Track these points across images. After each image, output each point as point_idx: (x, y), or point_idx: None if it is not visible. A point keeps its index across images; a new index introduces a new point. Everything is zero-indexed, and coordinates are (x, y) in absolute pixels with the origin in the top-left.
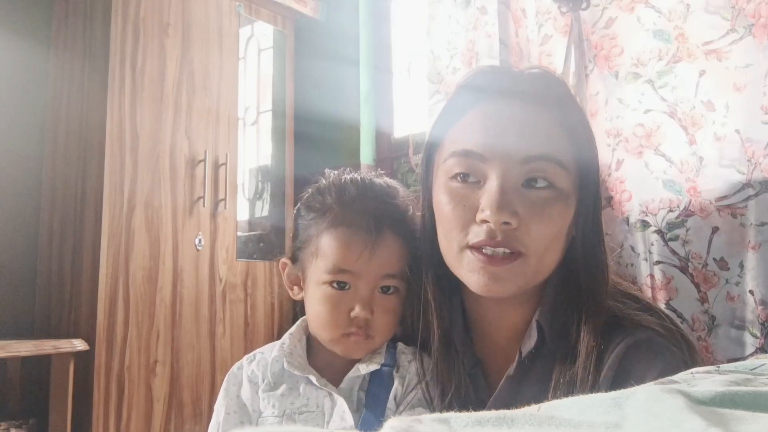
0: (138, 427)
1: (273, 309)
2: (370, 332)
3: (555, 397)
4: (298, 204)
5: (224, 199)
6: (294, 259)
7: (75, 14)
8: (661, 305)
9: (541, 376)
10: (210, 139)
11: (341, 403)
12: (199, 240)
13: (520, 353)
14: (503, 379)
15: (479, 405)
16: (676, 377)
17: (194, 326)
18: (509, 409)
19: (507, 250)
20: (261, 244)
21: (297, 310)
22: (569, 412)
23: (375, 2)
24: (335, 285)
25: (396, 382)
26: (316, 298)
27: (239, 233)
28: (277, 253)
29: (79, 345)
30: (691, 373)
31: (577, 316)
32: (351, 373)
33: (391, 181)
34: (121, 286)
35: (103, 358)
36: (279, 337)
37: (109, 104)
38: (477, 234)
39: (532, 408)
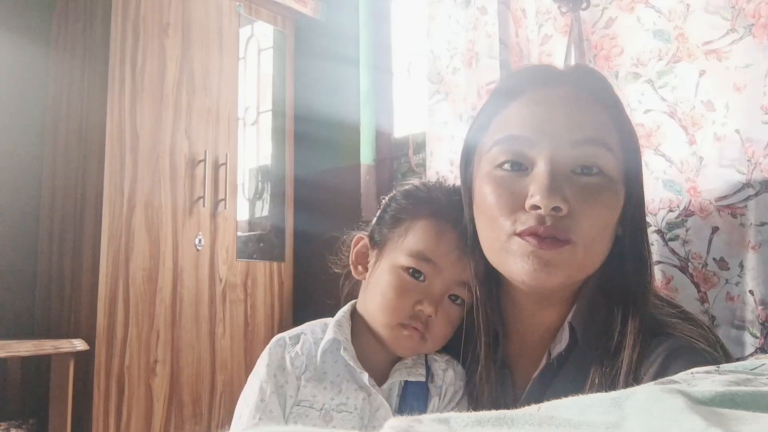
0: (138, 427)
1: (273, 309)
2: (426, 333)
3: None
4: (393, 192)
5: (224, 199)
6: (372, 238)
7: (75, 14)
8: None
9: (573, 378)
10: (210, 139)
11: (386, 409)
12: (199, 240)
13: (549, 355)
14: (530, 382)
15: (506, 408)
16: (676, 377)
17: (194, 326)
18: None
19: (556, 237)
20: (261, 244)
21: (298, 310)
22: (569, 412)
23: (375, 2)
24: (411, 272)
25: (433, 394)
26: (386, 280)
27: (239, 233)
28: (277, 253)
29: (79, 345)
30: (691, 373)
31: (620, 318)
32: (393, 378)
33: None
34: (121, 286)
35: (103, 358)
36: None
37: (109, 104)
38: (525, 221)
39: (532, 408)
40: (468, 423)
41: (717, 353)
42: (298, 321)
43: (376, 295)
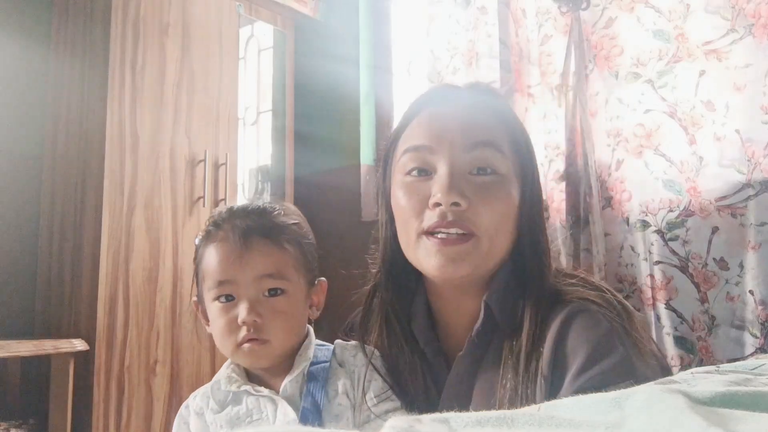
0: (138, 427)
1: None
2: (263, 336)
3: (505, 372)
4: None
5: (224, 199)
6: (198, 295)
7: (75, 14)
8: (661, 305)
9: (495, 356)
10: (210, 139)
11: (282, 403)
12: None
13: (471, 333)
14: (456, 359)
15: (436, 386)
16: (676, 377)
17: (194, 326)
18: (465, 388)
19: (459, 231)
20: None
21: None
22: (569, 412)
23: (375, 2)
24: (222, 299)
25: (342, 378)
26: (212, 318)
27: None
28: None
29: (79, 345)
30: (691, 373)
31: (524, 297)
32: (287, 379)
33: (280, 203)
34: (121, 286)
35: (103, 358)
36: None
37: (109, 104)
38: (430, 218)
39: (532, 408)
40: (468, 423)
41: (612, 311)
42: None
43: (213, 334)
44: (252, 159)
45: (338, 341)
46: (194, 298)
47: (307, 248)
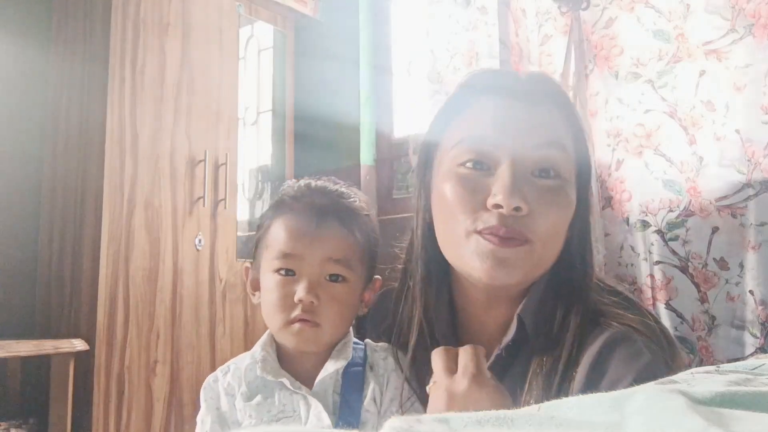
0: (138, 427)
1: None
2: (316, 319)
3: (530, 389)
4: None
5: (224, 199)
6: (253, 261)
7: (75, 14)
8: (661, 305)
9: (523, 370)
10: (210, 139)
11: (315, 404)
12: (199, 240)
13: (500, 346)
14: None
15: None
16: (675, 377)
17: (194, 326)
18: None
19: (516, 236)
20: None
21: None
22: (569, 412)
23: (375, 2)
24: (283, 272)
25: (372, 382)
26: (266, 288)
27: (239, 233)
28: None
29: (79, 345)
30: (691, 373)
31: (561, 312)
32: (321, 374)
33: (354, 188)
34: (121, 286)
35: (103, 358)
36: None
37: (109, 104)
38: (486, 220)
39: (532, 408)
40: (468, 423)
41: (656, 342)
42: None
43: (264, 307)
44: (252, 159)
45: (368, 341)
46: (248, 263)
47: (373, 242)
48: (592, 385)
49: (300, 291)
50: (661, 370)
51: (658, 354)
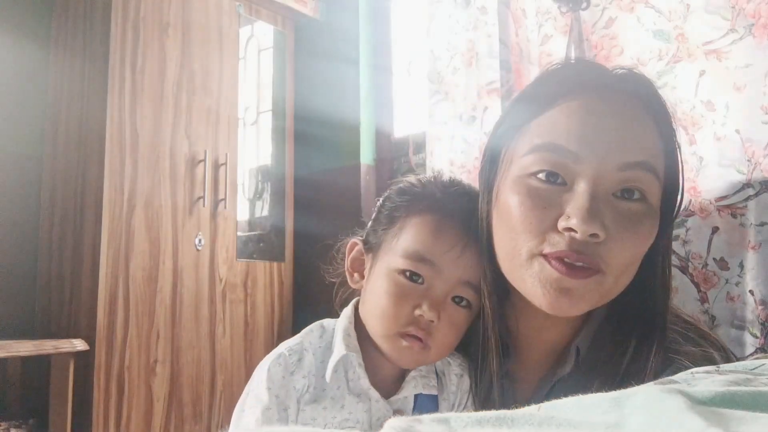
0: (138, 427)
1: (273, 309)
2: (429, 341)
3: None
4: (388, 191)
5: (224, 199)
6: (366, 242)
7: (75, 14)
8: None
9: (569, 392)
10: (210, 139)
11: (381, 417)
12: (199, 240)
13: (554, 377)
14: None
15: None
16: (676, 377)
17: (194, 326)
18: None
19: (587, 265)
20: (261, 244)
21: (298, 311)
22: (569, 412)
23: (375, 2)
24: (408, 275)
25: (443, 407)
26: (382, 286)
27: (239, 233)
28: (277, 253)
29: (79, 345)
30: (691, 373)
31: (632, 343)
32: (408, 389)
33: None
34: (121, 286)
35: (103, 358)
36: (278, 338)
37: (109, 104)
38: (556, 243)
39: (532, 408)
40: (468, 423)
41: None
42: (297, 321)
43: (372, 303)
44: (252, 159)
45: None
46: (357, 238)
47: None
48: None
49: (425, 307)
50: None
51: None
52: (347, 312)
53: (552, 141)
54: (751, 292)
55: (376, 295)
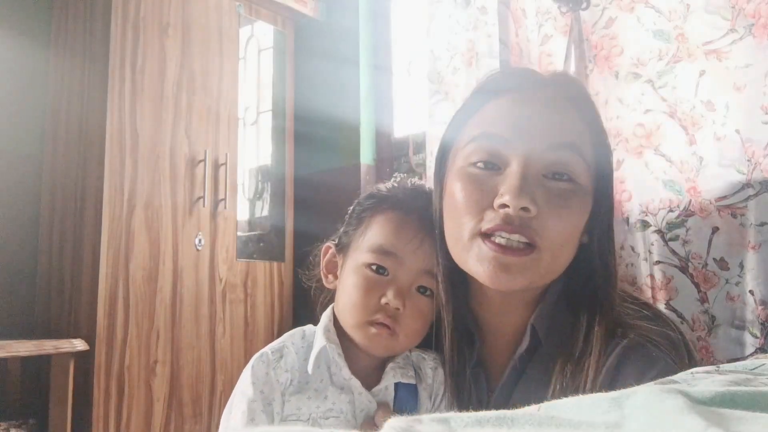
0: (138, 427)
1: (273, 309)
2: (396, 327)
3: (554, 397)
4: (358, 197)
5: (224, 199)
6: (338, 244)
7: (75, 14)
8: (661, 305)
9: (537, 378)
10: (210, 139)
11: (370, 410)
12: (199, 240)
13: (514, 357)
14: (499, 387)
15: (479, 405)
16: (676, 377)
17: (194, 326)
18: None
19: (522, 239)
20: (261, 244)
21: (297, 311)
22: (569, 412)
23: (375, 2)
24: (375, 268)
25: (423, 396)
26: (352, 280)
27: (239, 233)
28: (276, 253)
29: (79, 345)
30: (691, 373)
31: (584, 322)
32: (387, 378)
33: None
34: (121, 286)
35: (103, 358)
36: (279, 337)
37: (109, 104)
38: (492, 219)
39: (532, 408)
40: (468, 423)
41: (674, 352)
42: (297, 321)
43: (344, 297)
44: (252, 159)
45: (416, 351)
46: (330, 242)
47: None
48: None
49: (389, 294)
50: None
51: (673, 367)
52: (327, 312)
53: (485, 130)
54: (751, 292)
55: (347, 289)
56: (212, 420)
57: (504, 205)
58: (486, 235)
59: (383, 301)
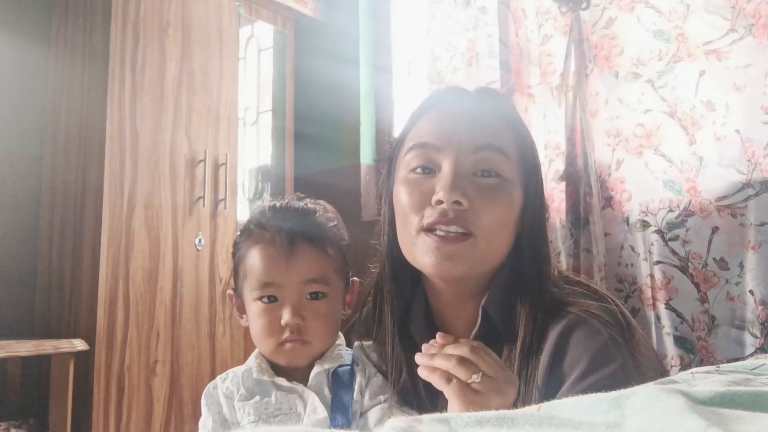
0: (138, 427)
1: None
2: (305, 337)
3: None
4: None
5: (224, 199)
6: (235, 289)
7: (75, 14)
8: (661, 305)
9: None
10: (210, 139)
11: (312, 398)
12: (199, 240)
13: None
14: None
15: (437, 395)
16: (676, 377)
17: (194, 326)
18: None
19: (459, 229)
20: None
21: None
22: (569, 412)
23: (375, 2)
24: (265, 299)
25: (358, 376)
26: (252, 315)
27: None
28: None
29: (79, 345)
30: (691, 373)
31: (521, 304)
32: (314, 370)
33: (316, 201)
34: (121, 286)
35: (103, 358)
36: None
37: (109, 104)
38: (431, 215)
39: (532, 408)
40: (468, 423)
41: (614, 323)
42: None
43: (253, 332)
44: (252, 159)
45: (356, 343)
46: (230, 291)
47: (344, 250)
48: (554, 368)
49: (285, 315)
50: (619, 348)
51: (615, 332)
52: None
53: (420, 141)
54: (751, 292)
55: (253, 325)
56: None
57: (439, 201)
58: (428, 230)
59: (283, 322)
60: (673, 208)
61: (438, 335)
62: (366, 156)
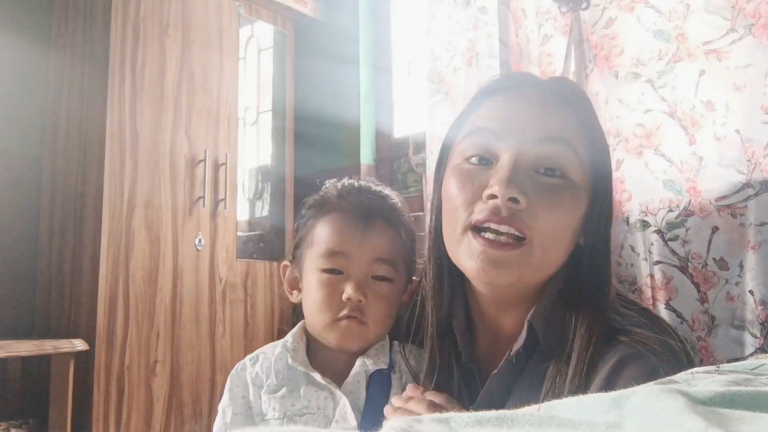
0: (138, 427)
1: (273, 309)
2: (363, 318)
3: (546, 398)
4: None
5: (224, 199)
6: (293, 259)
7: (75, 14)
8: (661, 305)
9: (533, 376)
10: (210, 139)
11: (344, 403)
12: (199, 240)
13: (509, 352)
14: (490, 377)
15: (470, 402)
16: (676, 377)
17: (194, 326)
18: (497, 407)
19: (511, 230)
20: (261, 244)
21: (298, 310)
22: (569, 412)
23: (375, 2)
24: (329, 270)
25: (394, 384)
26: (311, 286)
27: (239, 233)
28: (277, 253)
29: (79, 345)
30: (691, 373)
31: (575, 323)
32: (356, 368)
33: (390, 189)
34: (121, 286)
35: (103, 358)
36: (278, 338)
37: (109, 104)
38: (482, 211)
39: (532, 408)
40: (468, 423)
41: (673, 361)
42: (298, 321)
43: (308, 305)
44: (252, 159)
45: (395, 342)
46: (286, 261)
47: (414, 242)
48: None
49: (348, 289)
50: None
51: (673, 373)
52: (296, 326)
53: (478, 125)
54: (751, 292)
55: (310, 297)
56: (212, 420)
57: (493, 196)
58: (476, 230)
59: (345, 297)
60: (673, 208)
61: (408, 387)
62: (366, 156)
